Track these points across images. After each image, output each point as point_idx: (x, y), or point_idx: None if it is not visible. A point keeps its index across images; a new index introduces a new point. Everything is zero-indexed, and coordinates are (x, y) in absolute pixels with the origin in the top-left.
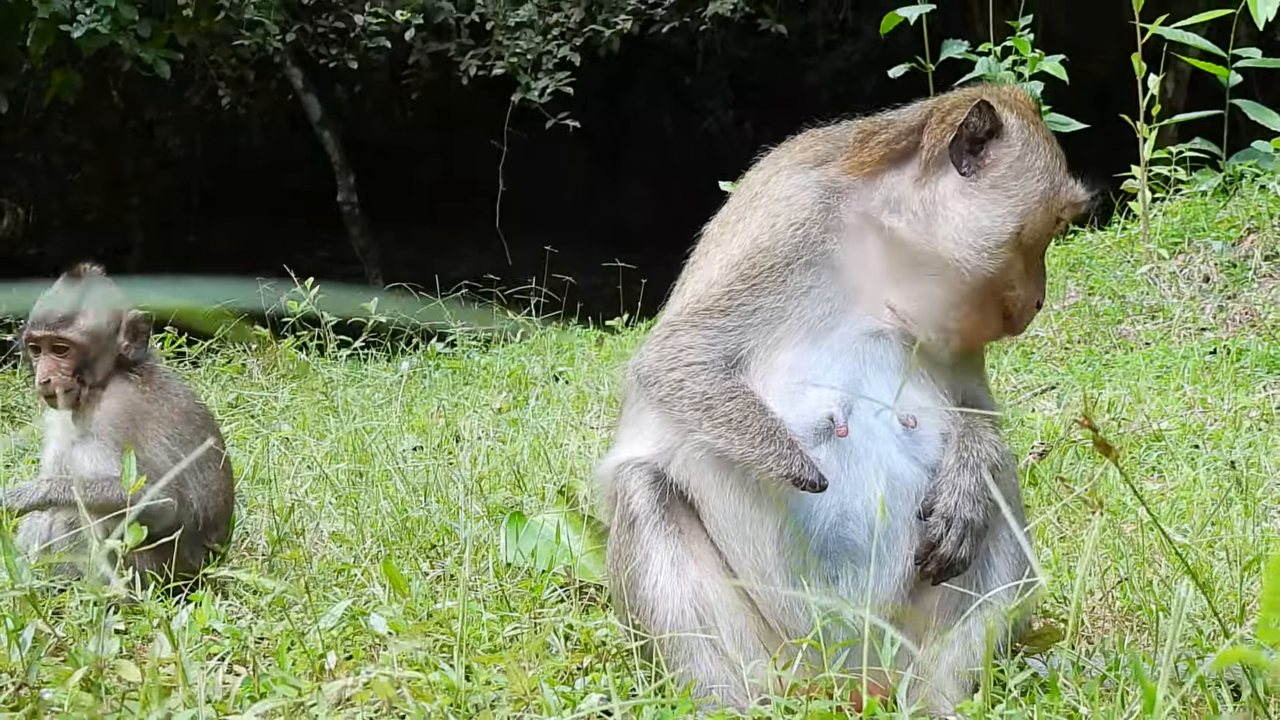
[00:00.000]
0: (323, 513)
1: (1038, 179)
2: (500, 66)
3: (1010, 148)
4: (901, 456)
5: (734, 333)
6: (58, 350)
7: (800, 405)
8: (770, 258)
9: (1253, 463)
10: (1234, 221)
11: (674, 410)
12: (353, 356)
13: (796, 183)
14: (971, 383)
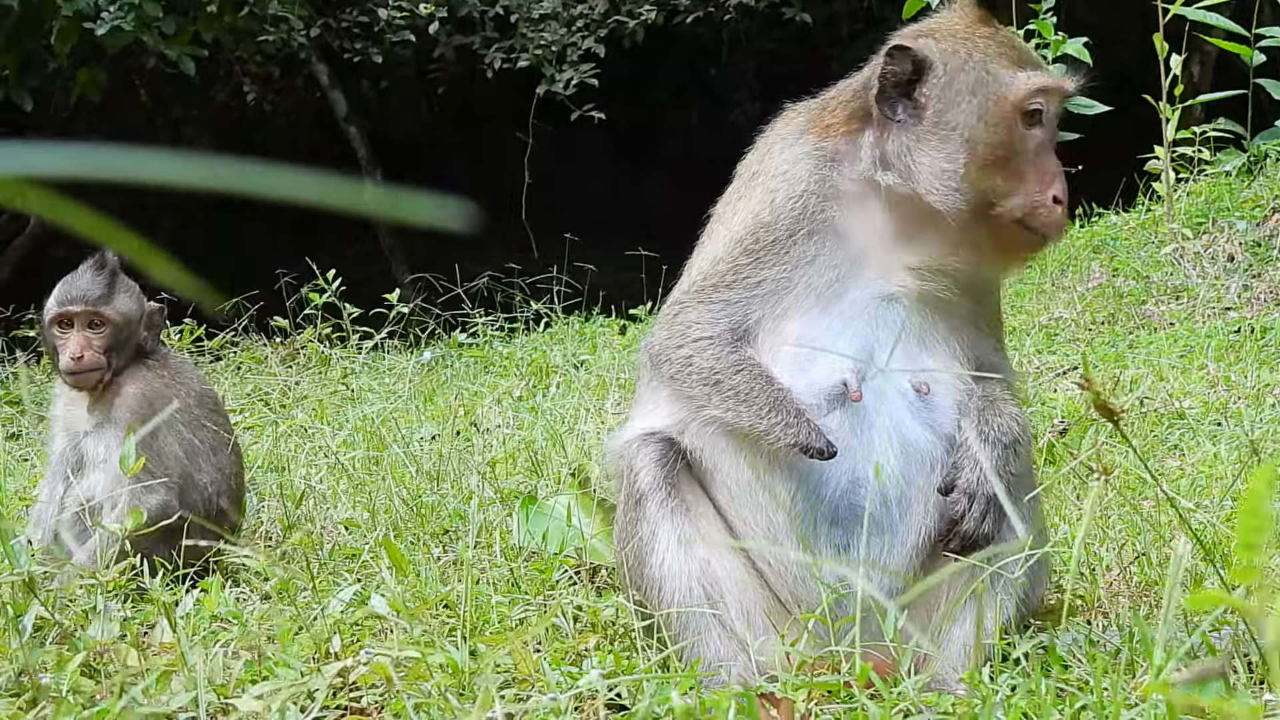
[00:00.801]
0: (336, 500)
1: (970, 96)
2: (525, 59)
3: (936, 79)
4: (915, 423)
5: (739, 305)
6: (93, 327)
7: (812, 372)
8: (772, 231)
9: (1277, 438)
10: (1258, 201)
11: (684, 386)
12: (376, 348)
13: (789, 156)
14: (987, 347)
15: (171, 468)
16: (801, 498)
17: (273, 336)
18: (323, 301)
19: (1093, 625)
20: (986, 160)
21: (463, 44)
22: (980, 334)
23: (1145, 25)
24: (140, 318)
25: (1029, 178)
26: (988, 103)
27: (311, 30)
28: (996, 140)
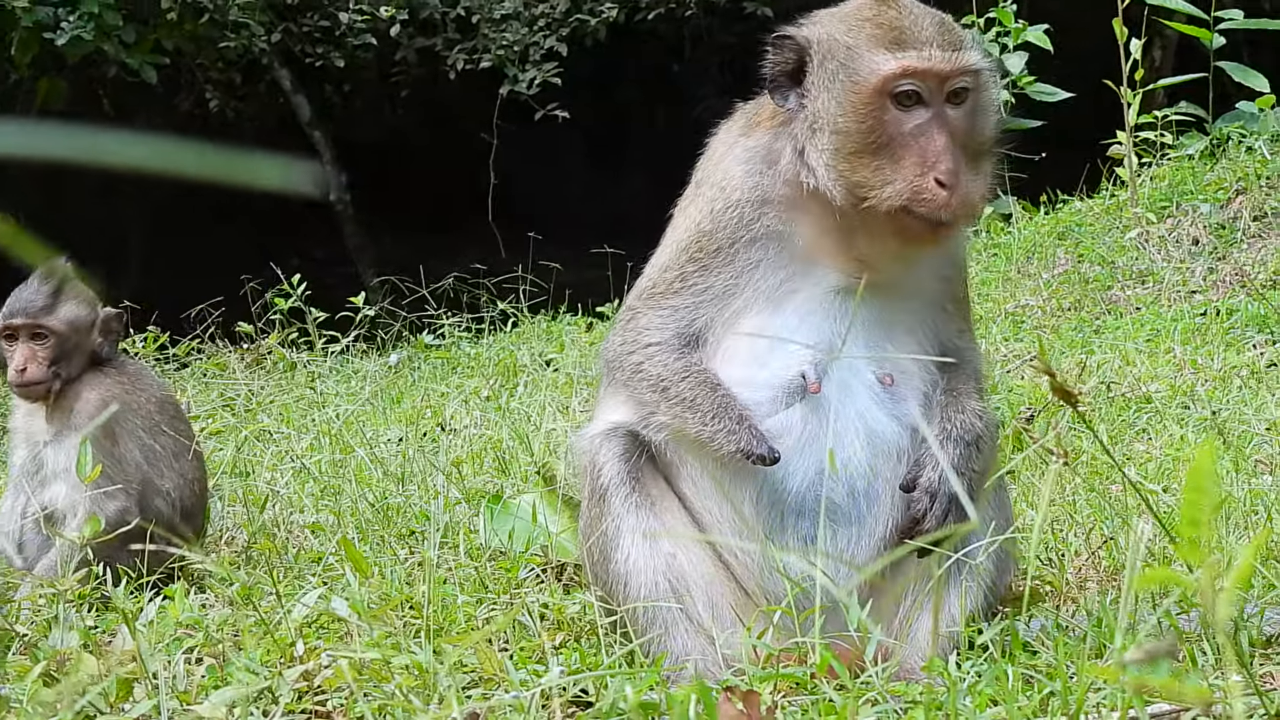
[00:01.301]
0: (302, 504)
1: (835, 82)
2: (487, 59)
3: (813, 66)
4: (881, 414)
5: (689, 310)
6: (36, 338)
7: (771, 366)
8: (714, 240)
9: (1243, 420)
10: (1221, 183)
11: (636, 392)
12: (343, 352)
13: (727, 163)
14: (953, 331)
15: (131, 474)
16: (767, 491)
17: (239, 342)
18: (288, 306)
19: (1061, 611)
20: (858, 147)
21: (425, 46)
22: (946, 317)
23: (1109, 11)
24: (92, 325)
25: (907, 162)
26: (850, 88)
27: (273, 36)
28: (865, 126)
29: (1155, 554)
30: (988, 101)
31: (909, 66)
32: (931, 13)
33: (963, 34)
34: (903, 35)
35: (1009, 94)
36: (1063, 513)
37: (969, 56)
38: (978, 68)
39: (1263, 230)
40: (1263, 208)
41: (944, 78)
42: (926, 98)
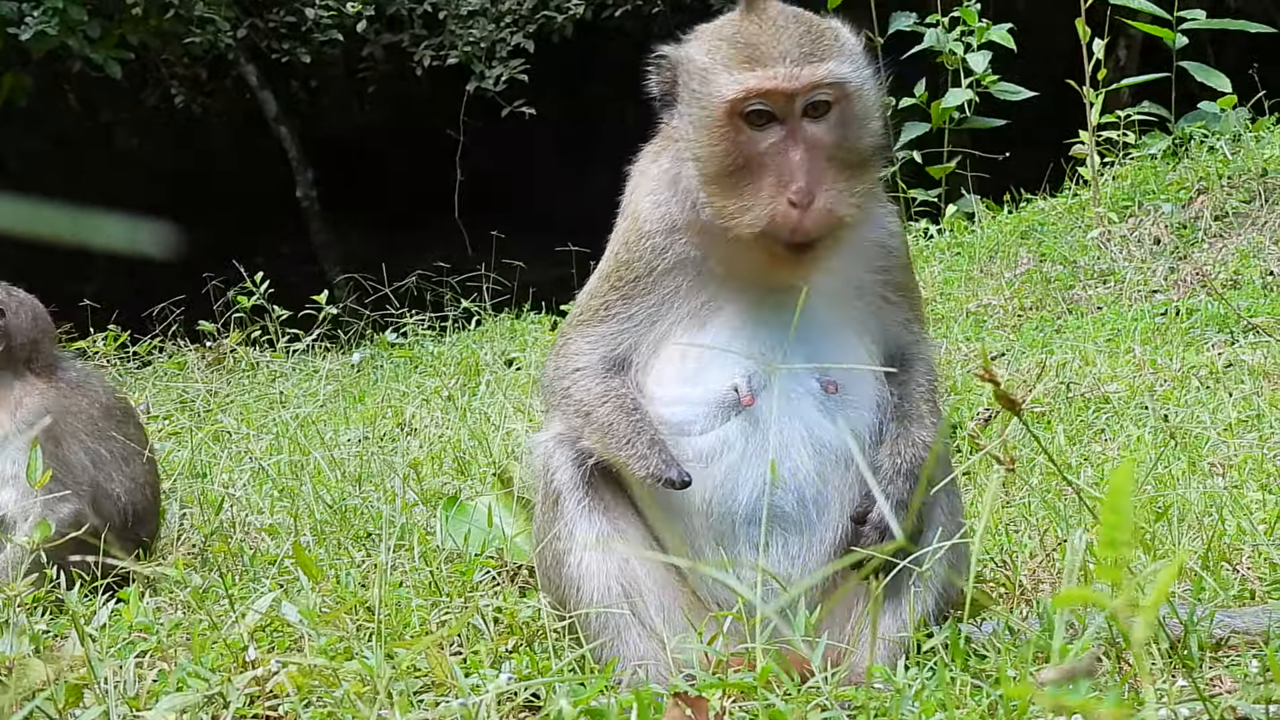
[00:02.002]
0: (259, 505)
1: (691, 103)
2: (454, 56)
3: (680, 88)
4: (827, 422)
5: (614, 336)
6: None
7: (704, 384)
8: (632, 270)
9: (1199, 421)
10: (1183, 183)
11: (565, 417)
12: (306, 350)
13: (637, 198)
14: (899, 324)
15: (80, 478)
16: (717, 501)
17: (202, 341)
18: (250, 304)
19: (1014, 613)
20: (717, 171)
21: (391, 42)
22: (891, 308)
23: (1073, 11)
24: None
25: (765, 184)
26: (702, 112)
27: (239, 31)
28: (719, 150)
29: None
30: (860, 110)
31: (753, 87)
32: (801, 23)
33: (832, 43)
34: (754, 53)
35: (973, 93)
36: (1018, 513)
37: (824, 69)
38: (835, 79)
39: (1224, 230)
40: (1224, 207)
41: (792, 94)
42: (780, 115)
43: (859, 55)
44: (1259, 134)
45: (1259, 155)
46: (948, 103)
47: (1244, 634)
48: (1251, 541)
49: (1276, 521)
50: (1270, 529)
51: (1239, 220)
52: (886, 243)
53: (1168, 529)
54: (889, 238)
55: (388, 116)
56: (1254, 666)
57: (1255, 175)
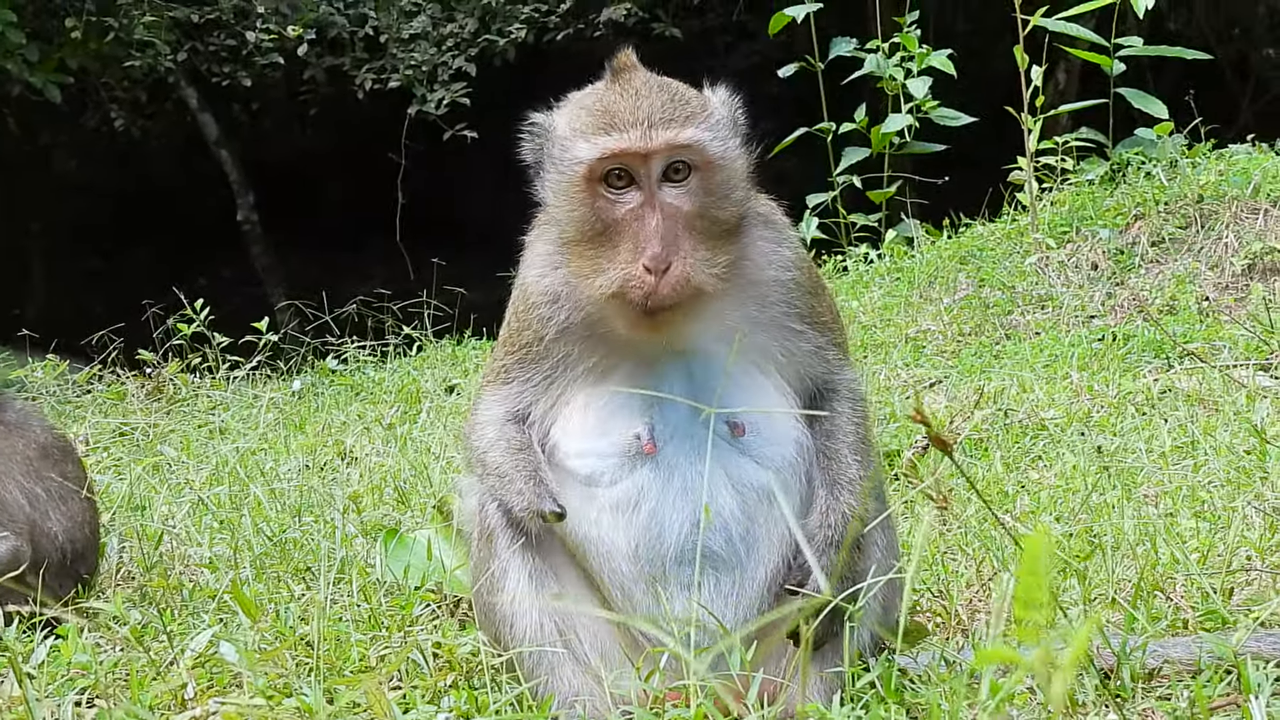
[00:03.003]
0: (199, 538)
1: (551, 170)
2: (395, 79)
3: (545, 156)
4: (745, 461)
5: (515, 396)
6: None
7: (609, 435)
8: (524, 336)
9: (1131, 450)
10: (1121, 209)
11: (470, 466)
12: (247, 377)
13: (524, 270)
14: (809, 354)
15: (17, 516)
16: (644, 545)
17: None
18: (191, 332)
19: (951, 643)
20: (577, 236)
21: (333, 65)
22: (799, 337)
23: (1014, 37)
24: None
25: (621, 249)
26: (560, 179)
27: (179, 55)
28: (578, 215)
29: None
30: (722, 179)
31: (608, 149)
32: (665, 91)
33: (695, 110)
34: (613, 119)
35: (913, 118)
36: (955, 541)
37: (683, 132)
38: (692, 143)
39: (1160, 255)
40: (1160, 233)
41: (647, 155)
42: (638, 179)
43: (724, 124)
44: (1195, 160)
45: (1195, 181)
46: (888, 128)
47: (1176, 664)
48: (1185, 571)
49: (1209, 550)
50: (1203, 558)
51: (1175, 246)
52: (782, 277)
53: (1102, 559)
54: (785, 270)
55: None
56: (1185, 699)
57: (1191, 201)
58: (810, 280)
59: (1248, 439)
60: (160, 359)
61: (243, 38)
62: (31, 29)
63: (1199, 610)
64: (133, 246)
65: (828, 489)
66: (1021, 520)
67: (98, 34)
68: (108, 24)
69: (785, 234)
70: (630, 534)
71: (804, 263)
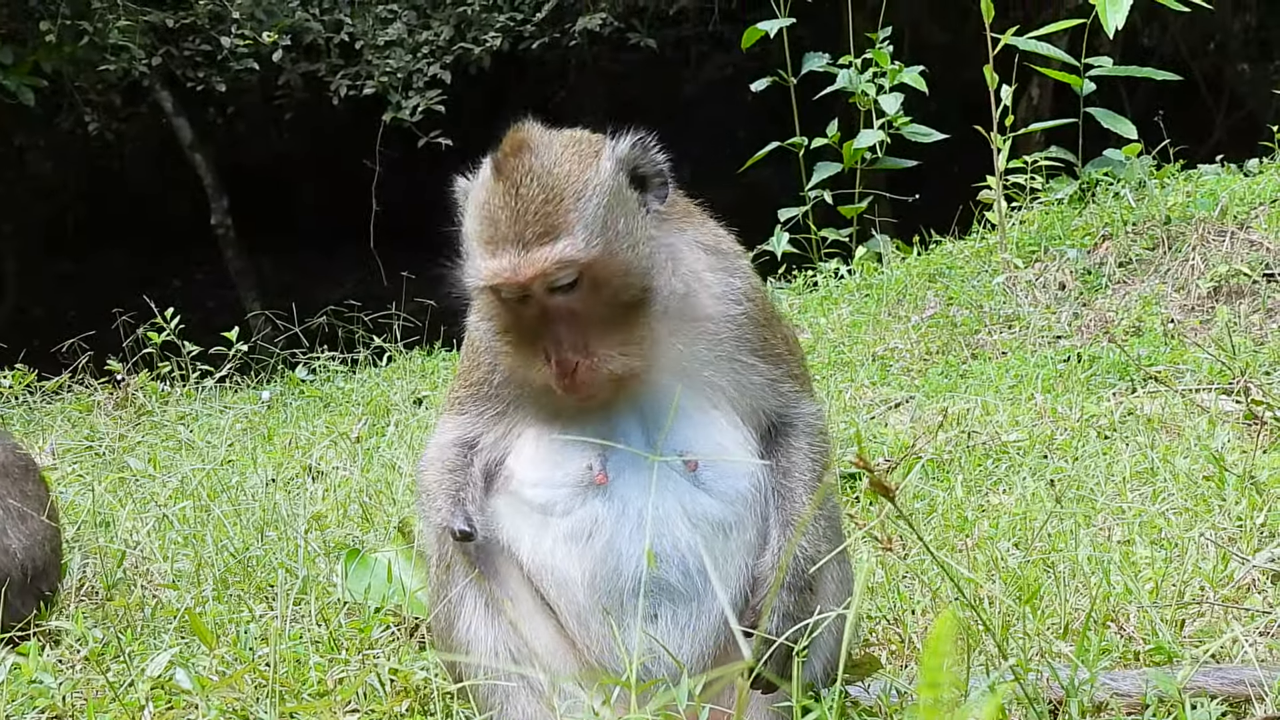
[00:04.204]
0: (163, 554)
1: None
2: (370, 86)
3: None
4: (702, 493)
5: (468, 424)
6: None
7: (563, 465)
8: (475, 375)
9: (1091, 475)
10: (1089, 229)
11: (416, 489)
12: (218, 384)
13: (472, 316)
14: (761, 386)
15: None
16: (602, 575)
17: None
18: (161, 340)
19: (904, 672)
20: (491, 330)
21: (308, 71)
22: (751, 374)
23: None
24: None
25: (537, 349)
26: (466, 275)
27: (153, 59)
28: (487, 313)
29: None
30: (610, 271)
31: (487, 278)
32: (543, 188)
33: (569, 210)
34: (494, 234)
35: (885, 134)
36: (911, 567)
37: (555, 250)
38: (563, 259)
39: (1127, 276)
40: (1128, 254)
41: (524, 283)
42: (535, 290)
43: (603, 212)
44: (1163, 181)
45: (1163, 202)
46: (859, 143)
47: (1125, 697)
48: (1137, 601)
49: (1163, 580)
50: (1156, 589)
51: (1143, 267)
52: (731, 311)
53: (1056, 587)
54: (735, 304)
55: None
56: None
57: (1159, 222)
58: (762, 312)
59: (1207, 465)
60: (130, 369)
61: (218, 42)
62: (5, 32)
63: (1149, 643)
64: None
65: (780, 528)
66: (980, 546)
67: (72, 37)
68: (82, 28)
69: (735, 264)
70: (585, 564)
71: (756, 293)
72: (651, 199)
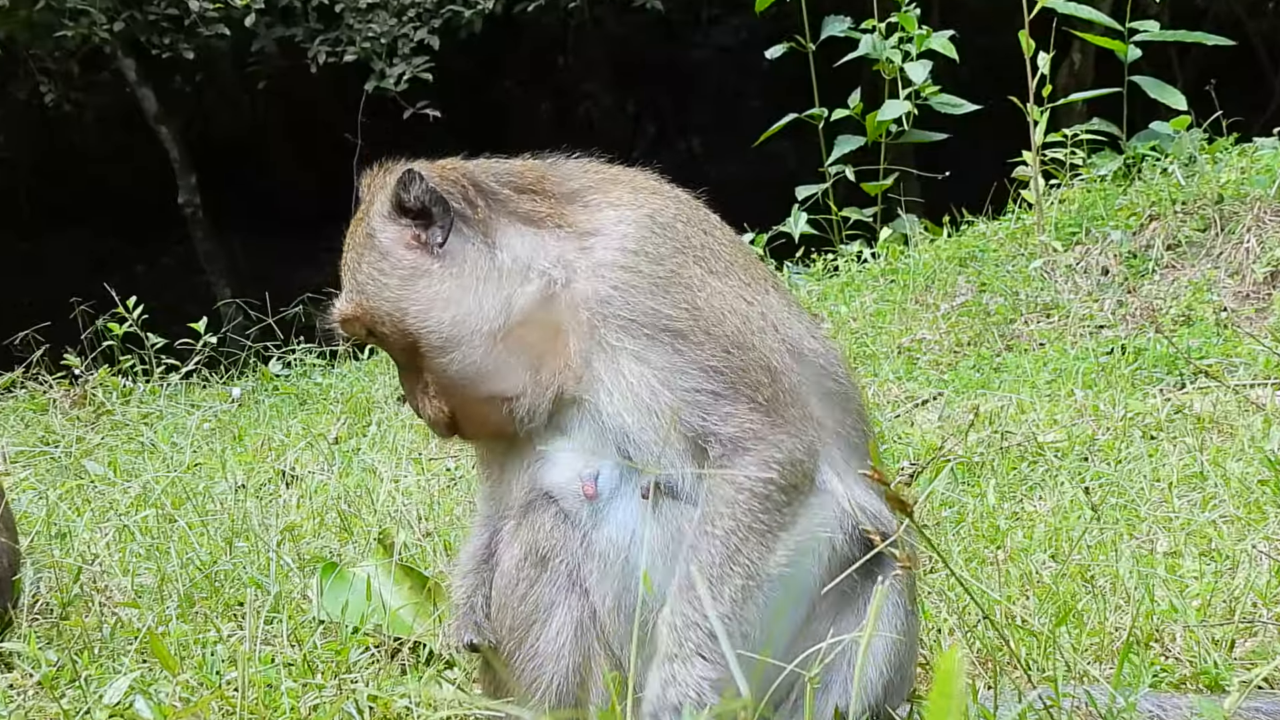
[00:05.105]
0: (123, 568)
1: None
2: (352, 52)
3: None
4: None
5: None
6: None
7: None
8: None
9: (1135, 480)
10: (1134, 209)
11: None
12: (185, 381)
13: None
14: (692, 415)
15: None
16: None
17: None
18: (122, 332)
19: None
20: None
21: (284, 36)
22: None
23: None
24: None
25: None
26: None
27: (115, 24)
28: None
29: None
30: (379, 319)
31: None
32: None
33: (351, 267)
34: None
35: (912, 105)
36: (939, 585)
37: (336, 308)
38: (342, 318)
39: (1176, 261)
40: (1177, 236)
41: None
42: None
43: (354, 269)
44: (1216, 156)
45: (1215, 180)
46: (884, 115)
47: None
48: (1183, 619)
49: (1212, 597)
50: (1205, 606)
51: (1192, 250)
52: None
53: (1095, 603)
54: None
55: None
56: None
57: (1210, 201)
58: (649, 269)
59: (1262, 469)
60: (89, 364)
61: (185, 6)
62: None
63: (1196, 666)
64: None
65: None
66: (1012, 559)
67: (28, 1)
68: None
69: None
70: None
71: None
72: (435, 232)
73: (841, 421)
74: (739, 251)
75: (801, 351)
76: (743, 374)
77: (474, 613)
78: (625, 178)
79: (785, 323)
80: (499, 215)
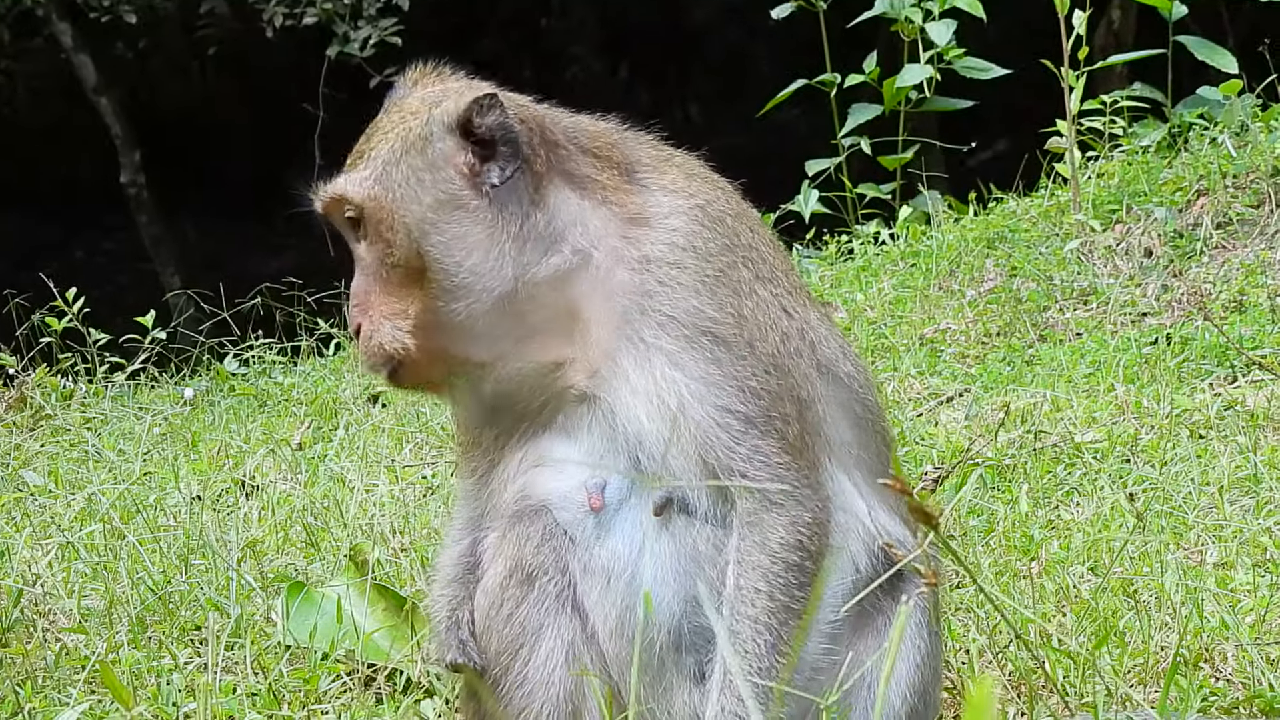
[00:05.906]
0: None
1: None
2: (312, 14)
3: None
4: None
5: (473, 504)
6: None
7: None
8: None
9: (1180, 483)
10: (1180, 183)
11: None
12: (131, 381)
13: None
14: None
15: None
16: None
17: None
18: (62, 327)
19: None
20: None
21: None
22: (665, 355)
23: None
24: None
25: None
26: None
27: None
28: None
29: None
30: (385, 224)
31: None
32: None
33: (367, 150)
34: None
35: (934, 69)
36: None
37: (337, 184)
38: (337, 194)
39: (1226, 240)
40: (1227, 213)
41: (322, 211)
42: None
43: (389, 161)
44: (1269, 124)
45: (1269, 150)
46: (903, 81)
47: None
48: (1235, 638)
49: (1267, 612)
50: (1259, 623)
51: (1245, 229)
52: (642, 276)
53: (1137, 620)
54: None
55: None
56: None
57: (1265, 175)
58: (696, 264)
59: None
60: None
61: None
62: None
63: (1250, 688)
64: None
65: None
66: (1047, 572)
67: None
68: None
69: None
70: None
71: (682, 251)
72: (491, 170)
73: (866, 445)
74: (780, 255)
75: (836, 374)
76: (776, 402)
77: (458, 628)
78: (679, 160)
79: (823, 341)
80: (554, 173)
